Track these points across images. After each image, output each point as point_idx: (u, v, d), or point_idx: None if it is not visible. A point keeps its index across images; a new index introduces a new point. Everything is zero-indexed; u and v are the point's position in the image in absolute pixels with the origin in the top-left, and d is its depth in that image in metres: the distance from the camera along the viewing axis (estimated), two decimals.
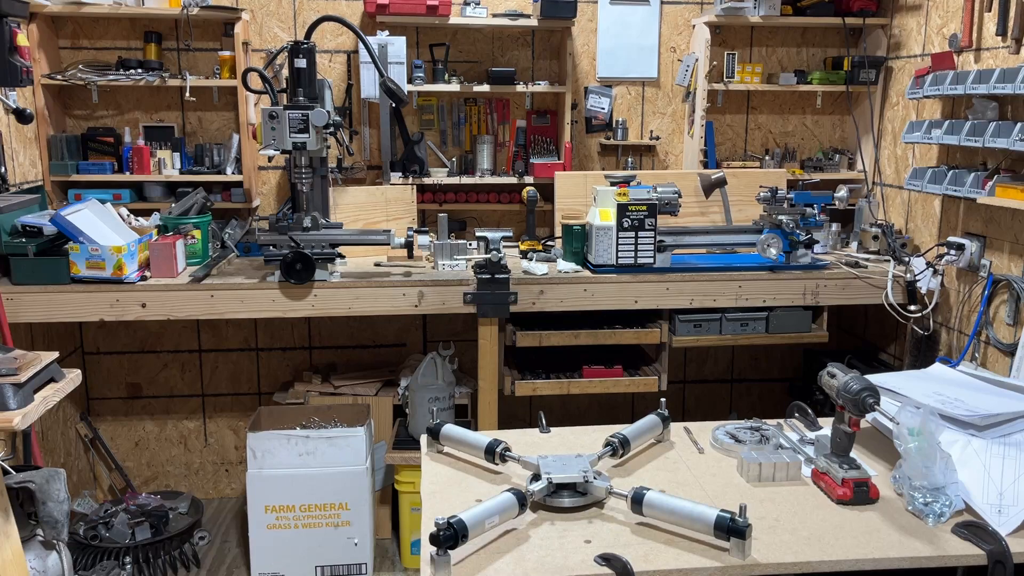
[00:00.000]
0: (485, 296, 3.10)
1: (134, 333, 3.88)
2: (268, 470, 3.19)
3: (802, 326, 3.38)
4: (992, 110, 3.00)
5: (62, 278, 2.97)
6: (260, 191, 3.87)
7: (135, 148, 3.56)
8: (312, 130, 3.02)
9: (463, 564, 1.43)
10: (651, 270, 3.21)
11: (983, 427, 1.73)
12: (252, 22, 3.73)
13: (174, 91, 3.72)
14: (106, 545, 3.24)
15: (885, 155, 3.84)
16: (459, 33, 3.83)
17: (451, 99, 3.91)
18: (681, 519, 1.50)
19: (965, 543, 1.50)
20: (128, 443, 3.98)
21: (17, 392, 2.01)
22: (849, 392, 1.65)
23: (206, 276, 3.14)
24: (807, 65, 4.04)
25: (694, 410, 4.27)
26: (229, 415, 4.02)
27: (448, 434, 1.87)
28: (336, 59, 3.83)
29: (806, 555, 1.46)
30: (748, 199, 3.65)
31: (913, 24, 3.62)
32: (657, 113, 4.06)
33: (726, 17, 3.73)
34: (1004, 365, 2.99)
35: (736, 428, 1.97)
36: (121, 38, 3.68)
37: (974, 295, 3.19)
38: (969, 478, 1.62)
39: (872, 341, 3.91)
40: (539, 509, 1.61)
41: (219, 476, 4.07)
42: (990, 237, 3.11)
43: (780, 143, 4.13)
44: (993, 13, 3.00)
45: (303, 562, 3.26)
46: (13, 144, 3.24)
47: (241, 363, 3.99)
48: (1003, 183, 2.85)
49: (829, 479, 1.68)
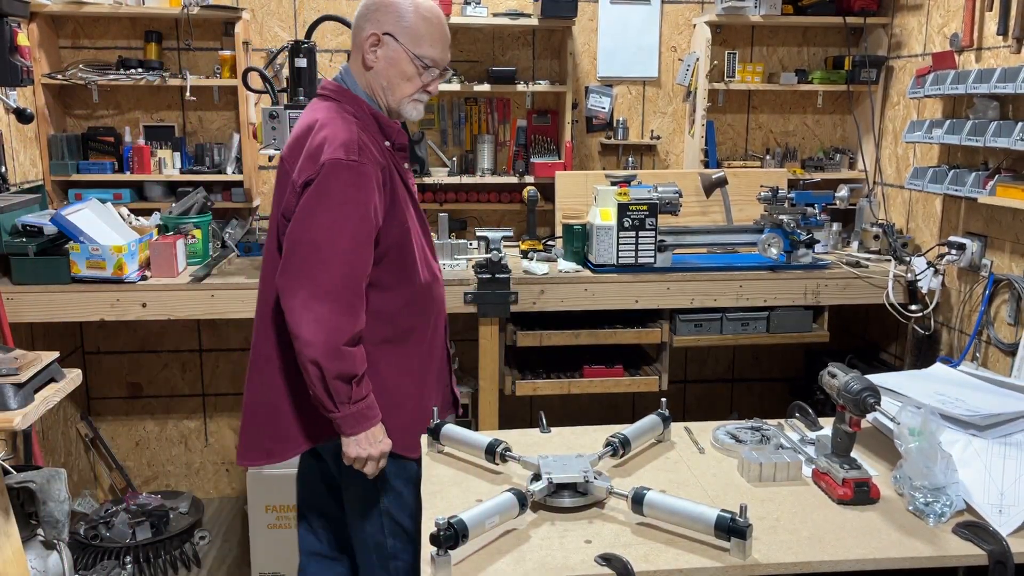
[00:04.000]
0: (486, 296, 3.10)
1: (134, 333, 3.88)
2: (268, 470, 3.19)
3: (803, 326, 3.37)
4: (993, 109, 2.99)
5: (62, 278, 2.97)
6: (260, 191, 3.87)
7: (135, 148, 3.56)
8: None
9: (463, 564, 1.43)
10: (652, 270, 3.21)
11: (984, 427, 1.73)
12: (252, 21, 3.73)
13: (174, 91, 3.72)
14: (107, 545, 3.24)
15: (886, 155, 3.83)
16: (459, 32, 3.82)
17: (452, 98, 3.91)
18: (681, 519, 1.50)
19: (966, 543, 1.50)
20: (129, 443, 3.97)
21: (17, 392, 2.01)
22: (850, 392, 1.65)
23: (207, 276, 3.14)
24: (808, 64, 4.04)
25: (695, 410, 4.27)
26: (230, 415, 4.02)
27: (448, 434, 1.86)
28: (336, 59, 3.83)
29: (806, 555, 1.46)
30: (749, 199, 3.65)
31: (914, 23, 3.62)
32: (658, 112, 4.06)
33: (727, 16, 3.73)
34: (1005, 365, 2.99)
35: (737, 428, 1.96)
36: (121, 38, 3.68)
37: (975, 295, 3.19)
38: (970, 478, 1.62)
39: (873, 341, 3.90)
40: (539, 509, 1.61)
41: (219, 476, 4.07)
42: (991, 237, 3.11)
43: (781, 142, 4.12)
44: (994, 12, 2.99)
45: None
46: (13, 144, 3.24)
47: (242, 363, 3.99)
48: (1004, 183, 2.85)
49: (830, 479, 1.67)
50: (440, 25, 2.02)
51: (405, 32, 1.98)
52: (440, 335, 2.19)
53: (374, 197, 1.92)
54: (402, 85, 2.01)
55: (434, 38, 2.00)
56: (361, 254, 1.91)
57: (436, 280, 2.15)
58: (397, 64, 1.99)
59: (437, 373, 2.17)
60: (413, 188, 2.13)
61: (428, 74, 2.02)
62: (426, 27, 1.98)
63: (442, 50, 2.02)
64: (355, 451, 1.92)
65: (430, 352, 2.13)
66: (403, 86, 2.01)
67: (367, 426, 1.93)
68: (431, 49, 1.99)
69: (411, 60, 1.98)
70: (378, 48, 2.00)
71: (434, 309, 2.14)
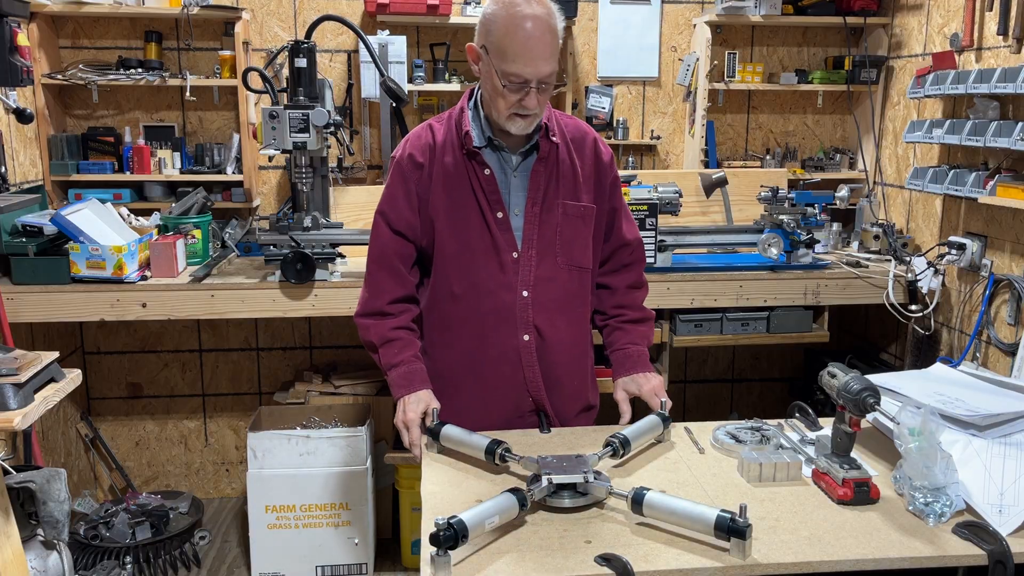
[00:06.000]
0: None
1: (134, 333, 3.88)
2: (268, 470, 3.20)
3: (803, 326, 3.37)
4: (993, 109, 2.99)
5: (62, 278, 2.97)
6: (260, 191, 3.87)
7: (135, 148, 3.56)
8: (312, 130, 3.02)
9: (463, 564, 1.43)
10: (652, 270, 3.20)
11: (984, 427, 1.72)
12: (252, 21, 3.73)
13: (174, 91, 3.72)
14: (107, 545, 3.24)
15: (886, 155, 3.83)
16: (460, 32, 3.83)
17: (452, 98, 3.90)
18: (681, 519, 1.50)
19: (966, 543, 1.50)
20: (128, 443, 3.98)
21: (17, 392, 2.01)
22: (850, 392, 1.65)
23: (206, 276, 3.14)
24: (808, 64, 4.04)
25: (695, 410, 4.27)
26: (229, 415, 4.02)
27: (448, 434, 1.86)
28: (336, 58, 3.83)
29: (806, 555, 1.46)
30: (749, 199, 3.65)
31: (914, 23, 3.62)
32: (658, 112, 4.06)
33: (727, 16, 3.73)
34: (1005, 365, 2.99)
35: (737, 428, 1.96)
36: (121, 38, 3.68)
37: (975, 295, 3.19)
38: (970, 478, 1.62)
39: (873, 341, 3.90)
40: (539, 509, 1.61)
41: (219, 476, 4.07)
42: (991, 237, 3.11)
43: (781, 143, 4.12)
44: (994, 12, 2.99)
45: (303, 562, 3.26)
46: (13, 144, 3.24)
47: (242, 363, 3.99)
48: (1004, 183, 2.85)
49: (830, 479, 1.67)
50: (528, 38, 1.85)
51: (494, 47, 1.88)
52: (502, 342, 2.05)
53: (401, 189, 2.03)
54: (497, 100, 1.92)
55: (518, 53, 1.85)
56: (383, 236, 2.06)
57: (479, 291, 2.03)
58: (490, 79, 1.91)
59: (506, 378, 2.07)
60: (493, 196, 2.01)
61: (519, 91, 1.88)
62: (510, 41, 1.85)
63: (530, 65, 1.85)
64: (394, 417, 2.02)
65: (482, 350, 2.05)
66: (498, 101, 1.92)
67: (398, 393, 2.01)
68: (515, 64, 1.85)
69: (499, 77, 1.88)
70: (479, 62, 1.95)
71: (472, 319, 2.05)
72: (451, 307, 2.07)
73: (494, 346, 2.05)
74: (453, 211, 2.02)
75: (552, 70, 1.89)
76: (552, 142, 2.02)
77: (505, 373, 2.06)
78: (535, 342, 2.05)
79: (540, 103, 1.92)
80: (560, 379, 2.10)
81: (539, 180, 2.02)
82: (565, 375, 2.11)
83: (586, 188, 2.08)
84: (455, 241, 2.02)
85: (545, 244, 2.04)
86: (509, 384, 2.07)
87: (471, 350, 2.07)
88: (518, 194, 2.03)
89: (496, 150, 2.02)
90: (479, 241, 2.02)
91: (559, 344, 2.08)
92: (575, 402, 2.16)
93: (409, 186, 2.03)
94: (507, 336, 2.04)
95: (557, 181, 2.04)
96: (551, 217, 2.04)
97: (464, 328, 2.06)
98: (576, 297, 2.11)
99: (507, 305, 2.03)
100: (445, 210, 2.02)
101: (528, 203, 2.02)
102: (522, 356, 2.05)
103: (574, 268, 2.08)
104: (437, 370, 2.09)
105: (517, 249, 2.02)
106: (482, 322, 2.04)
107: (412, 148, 2.04)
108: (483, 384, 2.07)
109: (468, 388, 2.09)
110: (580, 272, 2.10)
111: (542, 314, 2.05)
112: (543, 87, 1.90)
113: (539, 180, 2.02)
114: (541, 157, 2.02)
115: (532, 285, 2.03)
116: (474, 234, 2.02)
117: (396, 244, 2.05)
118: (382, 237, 2.06)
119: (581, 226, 2.08)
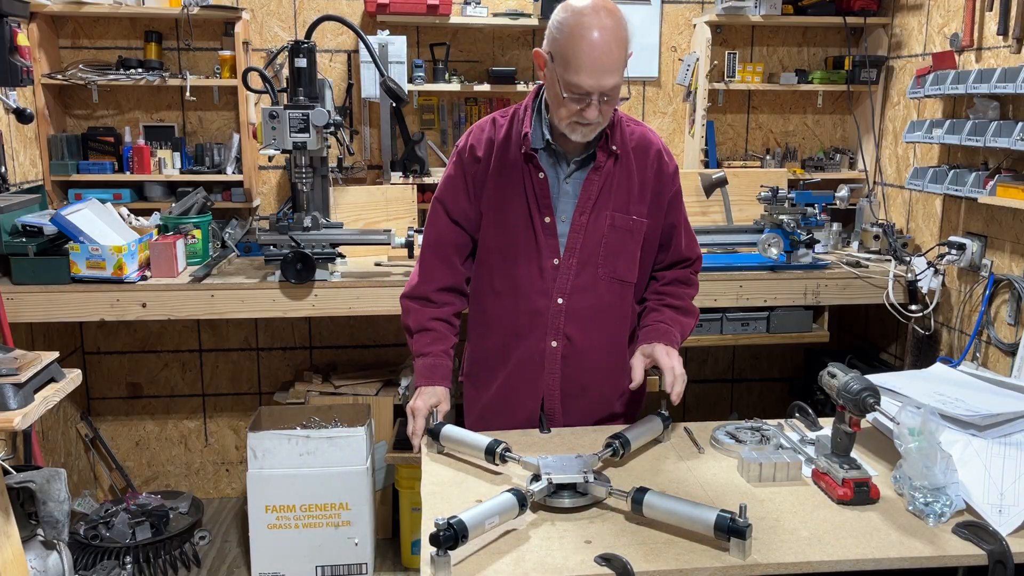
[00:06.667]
0: None
1: (134, 333, 3.88)
2: (268, 470, 3.19)
3: (803, 326, 3.37)
4: (993, 110, 2.99)
5: (62, 278, 2.97)
6: (260, 191, 3.87)
7: (135, 148, 3.56)
8: (312, 130, 3.02)
9: (463, 564, 1.43)
10: None
11: (984, 427, 1.72)
12: (252, 21, 3.73)
13: (174, 91, 3.72)
14: (106, 545, 3.24)
15: (886, 155, 3.83)
16: (459, 32, 3.83)
17: (452, 99, 3.91)
18: (681, 519, 1.50)
19: (965, 543, 1.50)
20: (128, 443, 3.98)
21: (17, 392, 2.01)
22: (849, 392, 1.65)
23: (206, 276, 3.14)
24: (808, 64, 4.04)
25: (694, 410, 4.27)
26: (229, 415, 4.02)
27: (448, 434, 1.86)
28: (336, 59, 3.83)
29: (806, 555, 1.46)
30: (749, 199, 3.65)
31: (914, 23, 3.62)
32: (658, 112, 4.06)
33: (727, 16, 3.73)
34: (1005, 365, 2.99)
35: (737, 428, 1.96)
36: (121, 38, 3.68)
37: (975, 295, 3.19)
38: (970, 478, 1.62)
39: (873, 341, 3.90)
40: (539, 509, 1.61)
41: (219, 476, 4.07)
42: (991, 237, 3.11)
43: (781, 143, 4.12)
44: (994, 12, 2.99)
45: (303, 562, 3.26)
46: (13, 144, 3.24)
47: (241, 363, 3.99)
48: (1004, 183, 2.85)
49: (829, 479, 1.67)
50: (593, 49, 1.77)
51: (559, 55, 1.83)
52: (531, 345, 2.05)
53: (461, 180, 2.06)
54: (558, 108, 1.88)
55: (583, 64, 1.78)
56: (440, 223, 2.09)
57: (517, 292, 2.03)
58: (552, 87, 1.87)
59: (528, 380, 2.07)
60: (544, 201, 1.99)
61: (580, 102, 1.83)
62: (575, 51, 1.78)
63: (592, 78, 1.79)
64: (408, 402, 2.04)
65: (512, 348, 2.06)
66: (559, 109, 1.88)
67: (418, 382, 2.06)
68: (578, 76, 1.79)
69: (561, 86, 1.83)
70: (544, 68, 1.92)
71: (507, 318, 2.06)
72: (491, 302, 2.08)
73: (523, 347, 2.06)
74: (502, 208, 2.02)
75: (617, 83, 1.82)
76: (611, 151, 1.99)
77: (527, 375, 2.07)
78: (562, 348, 2.04)
79: (603, 113, 1.87)
80: (587, 386, 2.08)
81: (591, 189, 1.99)
82: (593, 383, 2.08)
83: (641, 200, 2.03)
84: (501, 238, 2.04)
85: (588, 254, 2.01)
86: (530, 387, 2.07)
87: (501, 347, 2.09)
88: (568, 200, 2.01)
89: (553, 154, 2.01)
90: (523, 242, 2.02)
91: (591, 350, 2.06)
92: (599, 409, 2.12)
93: (468, 178, 2.05)
94: (536, 340, 2.04)
95: (610, 192, 2.00)
96: (598, 227, 2.01)
97: (500, 324, 2.08)
98: (614, 308, 2.07)
99: (540, 310, 2.03)
100: (495, 206, 2.02)
101: (576, 211, 2.00)
102: (546, 362, 2.05)
103: (615, 280, 2.04)
104: (474, 355, 2.17)
105: (559, 255, 2.01)
106: (515, 322, 2.06)
107: (474, 140, 2.06)
108: (507, 382, 2.09)
109: (496, 383, 2.11)
110: (621, 285, 2.06)
111: (574, 323, 2.03)
112: (606, 99, 1.84)
113: (591, 189, 1.99)
114: (597, 166, 1.99)
115: (568, 293, 2.02)
116: (520, 235, 2.02)
117: (452, 233, 2.08)
118: (439, 224, 2.09)
119: (628, 239, 2.03)
